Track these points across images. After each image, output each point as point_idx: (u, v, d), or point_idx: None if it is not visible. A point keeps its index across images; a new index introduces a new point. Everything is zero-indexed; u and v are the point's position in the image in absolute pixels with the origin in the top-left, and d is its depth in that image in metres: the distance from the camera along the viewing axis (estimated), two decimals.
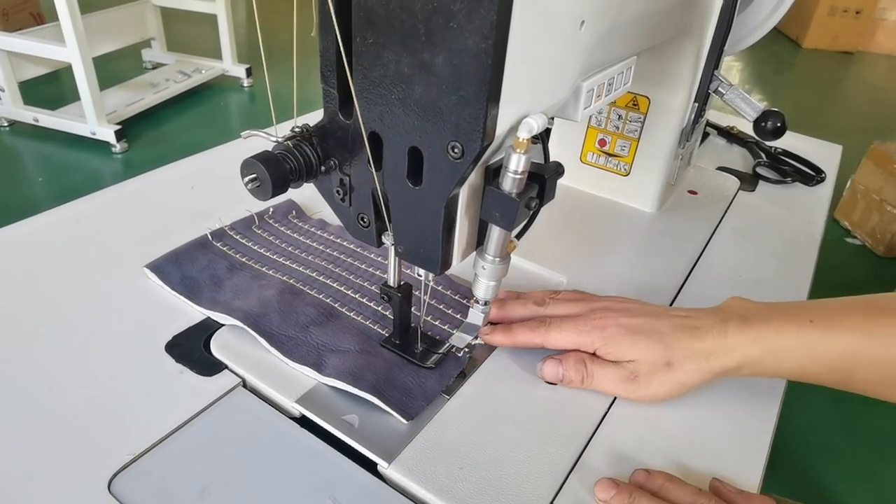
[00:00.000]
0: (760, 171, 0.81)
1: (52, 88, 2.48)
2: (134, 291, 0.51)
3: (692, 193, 0.74)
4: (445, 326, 0.49)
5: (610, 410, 0.44)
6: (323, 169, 0.37)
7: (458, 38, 0.28)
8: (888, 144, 1.93)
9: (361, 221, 0.39)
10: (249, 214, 0.60)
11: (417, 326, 0.47)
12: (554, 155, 0.71)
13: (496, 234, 0.37)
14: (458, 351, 0.47)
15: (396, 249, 0.39)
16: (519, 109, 0.32)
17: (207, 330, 0.47)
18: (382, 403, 0.41)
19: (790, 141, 0.89)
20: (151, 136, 2.29)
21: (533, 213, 0.37)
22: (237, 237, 0.57)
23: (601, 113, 0.67)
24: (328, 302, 0.51)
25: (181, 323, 0.48)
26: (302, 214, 0.62)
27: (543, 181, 0.36)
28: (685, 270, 0.60)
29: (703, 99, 0.62)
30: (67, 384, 0.42)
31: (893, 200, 1.87)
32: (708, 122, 0.92)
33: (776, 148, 0.86)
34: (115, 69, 2.63)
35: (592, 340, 0.44)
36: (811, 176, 0.80)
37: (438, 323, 0.50)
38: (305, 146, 0.36)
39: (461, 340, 0.45)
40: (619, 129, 0.66)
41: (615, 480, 0.37)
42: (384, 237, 0.39)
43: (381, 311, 0.50)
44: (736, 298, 0.46)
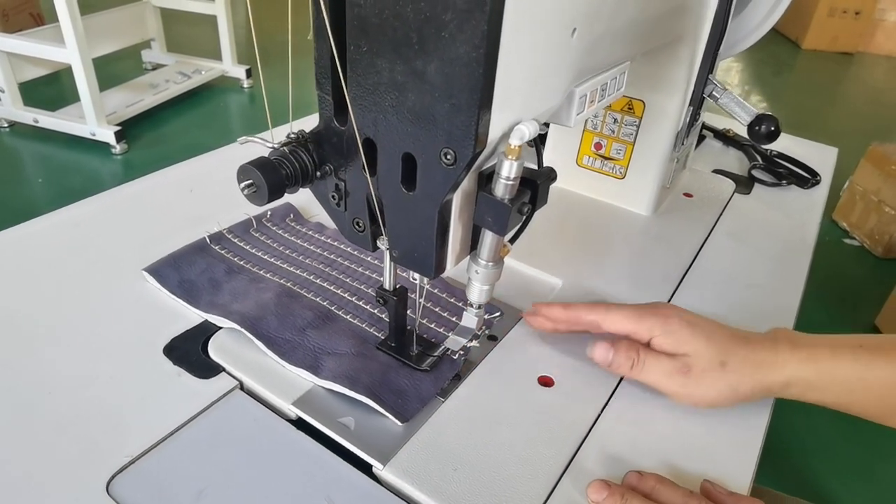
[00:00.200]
0: (756, 173, 0.81)
1: (51, 89, 2.48)
2: (133, 294, 0.51)
3: (688, 196, 0.74)
4: (441, 329, 0.50)
5: (603, 413, 0.44)
6: (318, 174, 0.38)
7: (449, 47, 0.29)
8: (886, 146, 1.94)
9: (357, 226, 0.39)
10: (247, 218, 0.60)
11: (413, 329, 0.47)
12: (550, 158, 0.72)
13: (489, 238, 0.38)
14: (453, 353, 0.47)
15: (391, 254, 0.40)
16: (511, 116, 0.33)
17: (205, 333, 0.48)
18: (378, 406, 0.42)
19: (786, 143, 0.90)
20: (151, 137, 2.30)
21: (526, 218, 0.38)
22: (235, 240, 0.58)
23: (597, 116, 0.67)
24: (325, 305, 0.51)
25: (179, 326, 0.48)
26: (300, 217, 0.63)
27: (536, 187, 0.36)
28: (680, 273, 0.60)
29: (697, 103, 0.62)
30: (67, 386, 0.43)
31: (891, 201, 1.88)
32: (704, 124, 0.93)
33: (772, 151, 0.86)
34: (114, 70, 2.64)
35: (651, 327, 0.43)
36: (806, 179, 0.81)
37: (434, 325, 0.50)
38: (301, 152, 0.37)
39: (456, 343, 0.46)
40: (614, 132, 0.67)
41: (607, 482, 0.37)
42: (379, 241, 0.40)
43: (377, 313, 0.51)
44: (780, 329, 0.45)
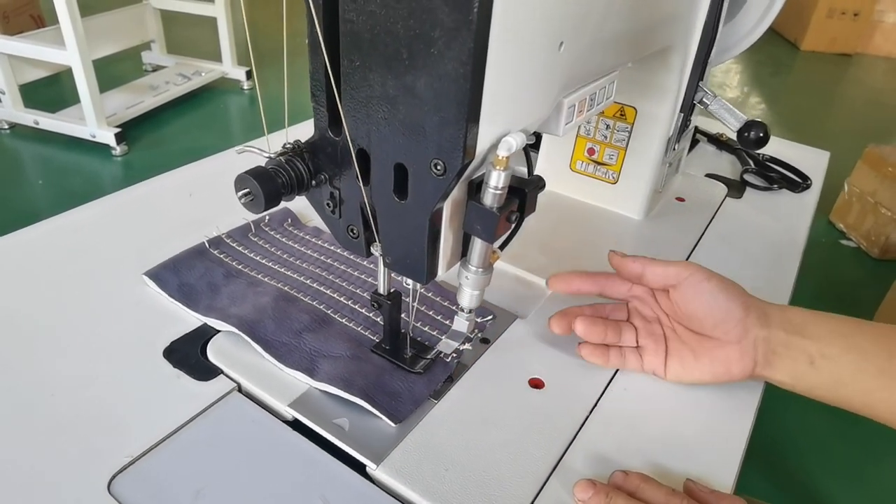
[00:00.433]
0: (748, 177, 0.82)
1: (52, 91, 2.49)
2: (133, 298, 0.52)
3: (680, 200, 0.75)
4: (435, 332, 0.51)
5: (591, 414, 0.45)
6: (314, 183, 0.39)
7: (438, 63, 0.30)
8: (883, 147, 1.95)
9: (351, 233, 0.41)
10: (246, 222, 0.61)
11: (407, 332, 0.49)
12: (543, 163, 0.73)
13: (479, 245, 0.39)
14: (446, 356, 0.48)
15: (384, 260, 0.41)
16: (499, 128, 0.34)
17: (204, 336, 0.49)
18: (372, 407, 0.43)
19: (778, 148, 0.91)
20: (151, 138, 2.31)
21: (515, 225, 0.39)
22: (234, 245, 0.59)
23: (590, 123, 0.69)
24: (321, 308, 0.52)
25: (178, 329, 0.50)
26: (297, 222, 0.64)
27: (524, 195, 0.38)
28: None
29: (688, 109, 0.63)
30: (68, 388, 0.44)
31: (888, 203, 1.89)
32: (698, 129, 0.94)
33: (764, 155, 0.87)
34: (115, 72, 2.65)
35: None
36: (797, 183, 0.82)
37: (428, 329, 0.51)
38: (297, 161, 0.38)
39: (448, 347, 0.47)
40: (607, 138, 0.68)
41: (593, 481, 0.38)
42: (373, 248, 0.41)
43: (372, 317, 0.52)
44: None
